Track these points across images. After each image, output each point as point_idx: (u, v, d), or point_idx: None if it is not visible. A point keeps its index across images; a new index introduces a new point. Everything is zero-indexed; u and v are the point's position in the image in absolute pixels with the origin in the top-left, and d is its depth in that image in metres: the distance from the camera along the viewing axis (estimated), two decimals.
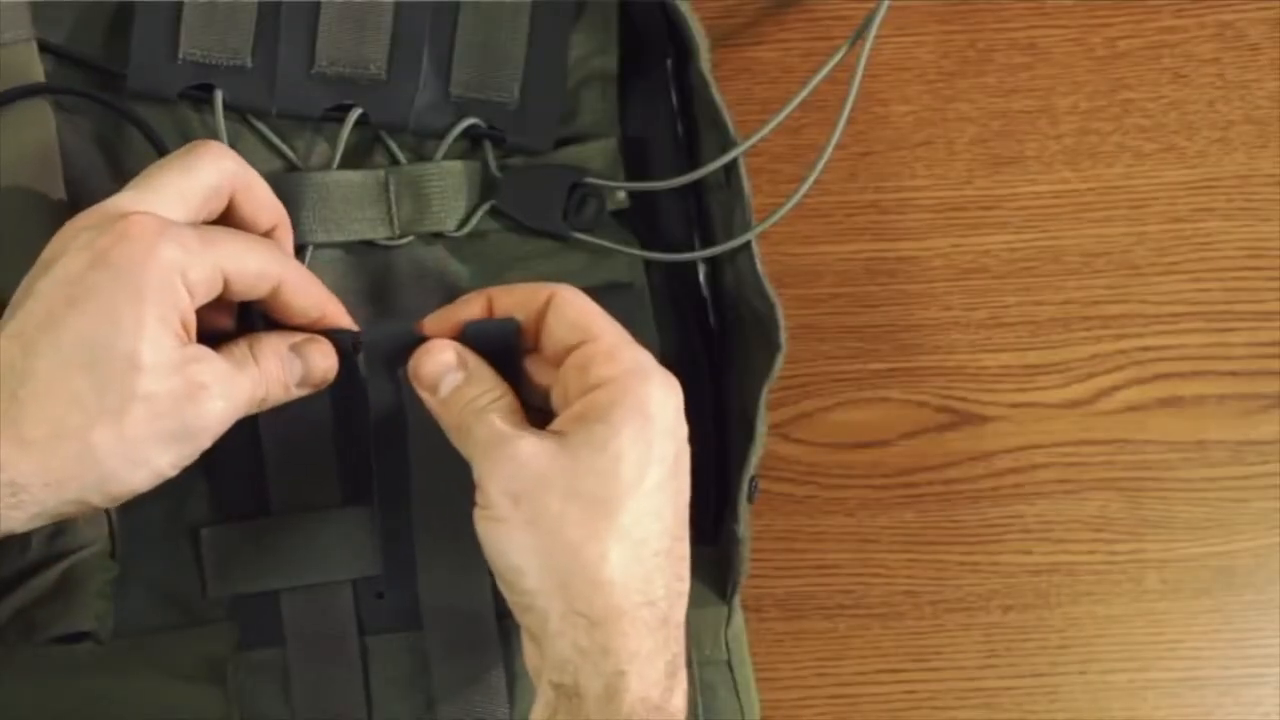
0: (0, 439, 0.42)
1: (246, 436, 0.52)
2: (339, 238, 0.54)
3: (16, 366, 0.42)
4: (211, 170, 0.47)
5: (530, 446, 0.45)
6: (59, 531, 0.51)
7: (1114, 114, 0.63)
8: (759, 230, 0.53)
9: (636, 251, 0.56)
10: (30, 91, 0.52)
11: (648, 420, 0.46)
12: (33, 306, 0.43)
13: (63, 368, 0.42)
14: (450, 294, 0.53)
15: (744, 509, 0.53)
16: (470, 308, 0.49)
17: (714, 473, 0.56)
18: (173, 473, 0.45)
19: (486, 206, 0.55)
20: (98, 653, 0.52)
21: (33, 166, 0.52)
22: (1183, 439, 0.62)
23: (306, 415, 0.52)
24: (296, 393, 0.49)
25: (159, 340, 0.43)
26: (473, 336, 0.49)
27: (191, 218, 0.46)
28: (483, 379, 0.48)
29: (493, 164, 0.55)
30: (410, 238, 0.55)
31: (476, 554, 0.47)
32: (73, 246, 0.44)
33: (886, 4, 0.56)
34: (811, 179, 0.55)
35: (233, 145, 0.53)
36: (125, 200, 0.45)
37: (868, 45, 0.56)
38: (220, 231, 0.47)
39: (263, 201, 0.49)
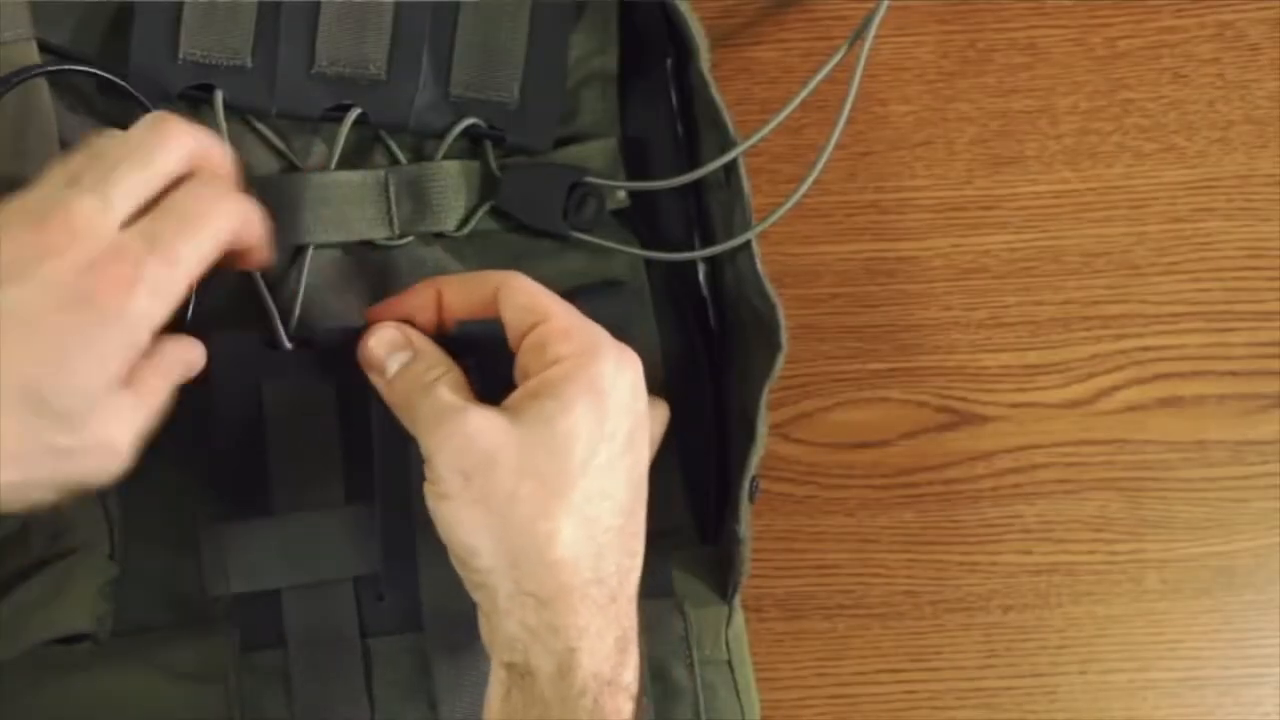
0: None
1: (251, 435, 0.52)
2: (339, 238, 0.54)
3: None
4: (172, 158, 0.45)
5: (479, 421, 0.45)
6: (59, 533, 0.51)
7: (1114, 114, 0.63)
8: (759, 230, 0.53)
9: (637, 251, 0.56)
10: (34, 72, 0.52)
11: (600, 396, 0.46)
12: (9, 304, 0.42)
13: (14, 391, 0.41)
14: None
15: (745, 509, 0.53)
16: (417, 298, 0.50)
17: (714, 473, 0.56)
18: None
19: (486, 206, 0.55)
20: (98, 653, 0.52)
21: (31, 154, 0.52)
22: (1183, 439, 0.62)
23: (312, 412, 0.53)
24: None
25: (104, 402, 0.43)
26: (462, 338, 0.49)
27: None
28: (429, 355, 0.48)
29: (493, 164, 0.55)
30: (410, 238, 0.55)
31: None
32: (44, 271, 0.42)
33: (886, 4, 0.56)
34: (811, 179, 0.55)
35: (233, 146, 0.53)
36: (89, 208, 0.43)
37: (867, 45, 0.56)
38: (178, 232, 0.44)
39: (219, 168, 0.47)
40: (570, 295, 0.51)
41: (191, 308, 0.50)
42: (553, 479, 0.45)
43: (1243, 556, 0.61)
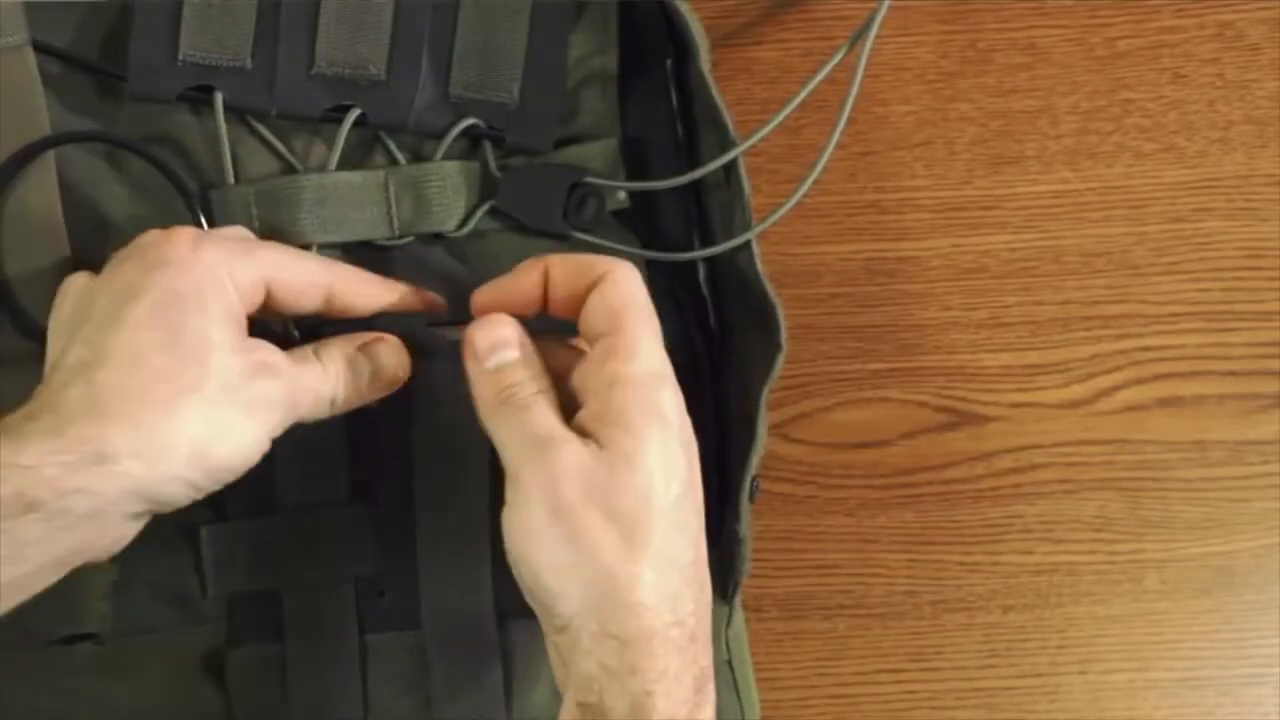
0: (83, 419, 0.43)
1: None
2: (338, 238, 0.54)
3: (88, 360, 0.44)
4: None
5: (572, 457, 0.44)
6: None
7: (1114, 114, 0.63)
8: (759, 230, 0.53)
9: (637, 251, 0.56)
10: (51, 143, 0.53)
11: (668, 428, 0.45)
12: (97, 315, 0.45)
13: (139, 350, 0.44)
14: (451, 294, 0.53)
15: (745, 509, 0.53)
16: (527, 277, 0.49)
17: (714, 473, 0.56)
18: (251, 451, 0.46)
19: (486, 206, 0.55)
20: (98, 653, 0.52)
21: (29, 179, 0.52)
22: (1183, 439, 0.62)
23: None
24: (371, 394, 0.49)
25: (224, 324, 0.45)
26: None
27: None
28: (534, 365, 0.47)
29: (492, 164, 0.55)
30: (410, 238, 0.55)
31: (477, 554, 0.47)
32: (124, 265, 0.46)
33: (887, 4, 0.56)
34: (811, 178, 0.55)
35: (232, 147, 0.53)
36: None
37: (867, 45, 0.56)
38: (261, 242, 0.48)
39: (299, 288, 0.49)
40: None
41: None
42: (637, 523, 0.44)
43: (1243, 556, 0.61)
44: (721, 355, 0.57)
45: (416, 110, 0.54)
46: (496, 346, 0.47)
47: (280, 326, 0.52)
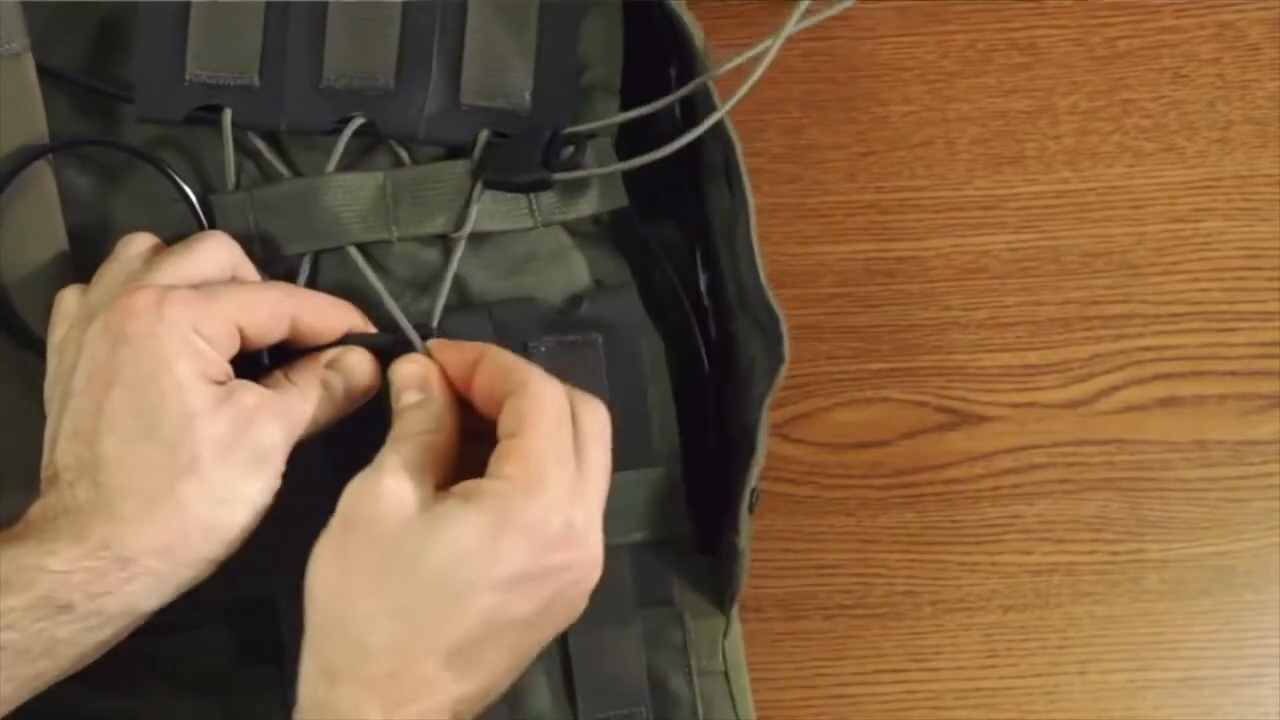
0: (98, 522, 0.44)
1: None
2: (336, 242, 0.54)
3: (86, 460, 0.45)
4: (209, 260, 0.48)
5: (391, 485, 0.45)
6: None
7: (1114, 114, 0.63)
8: (727, 109, 0.52)
9: (620, 165, 0.54)
10: (51, 148, 0.52)
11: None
12: (80, 403, 0.45)
13: (128, 445, 0.44)
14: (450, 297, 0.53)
15: (745, 521, 0.52)
16: (462, 355, 0.49)
17: (715, 482, 0.56)
18: (265, 500, 0.47)
19: (480, 192, 0.54)
20: (96, 661, 0.52)
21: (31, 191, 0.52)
22: (1183, 439, 0.62)
23: None
24: (347, 406, 0.50)
25: (199, 388, 0.45)
26: None
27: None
28: (434, 408, 0.48)
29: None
30: (409, 240, 0.55)
31: None
32: (90, 336, 0.46)
33: None
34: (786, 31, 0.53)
35: (238, 164, 0.53)
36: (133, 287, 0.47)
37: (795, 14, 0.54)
38: (220, 286, 0.48)
39: (265, 324, 0.48)
40: (573, 302, 0.52)
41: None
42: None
43: (1243, 556, 0.61)
44: (723, 365, 0.57)
45: (427, 119, 0.53)
46: (407, 385, 0.48)
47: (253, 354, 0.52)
